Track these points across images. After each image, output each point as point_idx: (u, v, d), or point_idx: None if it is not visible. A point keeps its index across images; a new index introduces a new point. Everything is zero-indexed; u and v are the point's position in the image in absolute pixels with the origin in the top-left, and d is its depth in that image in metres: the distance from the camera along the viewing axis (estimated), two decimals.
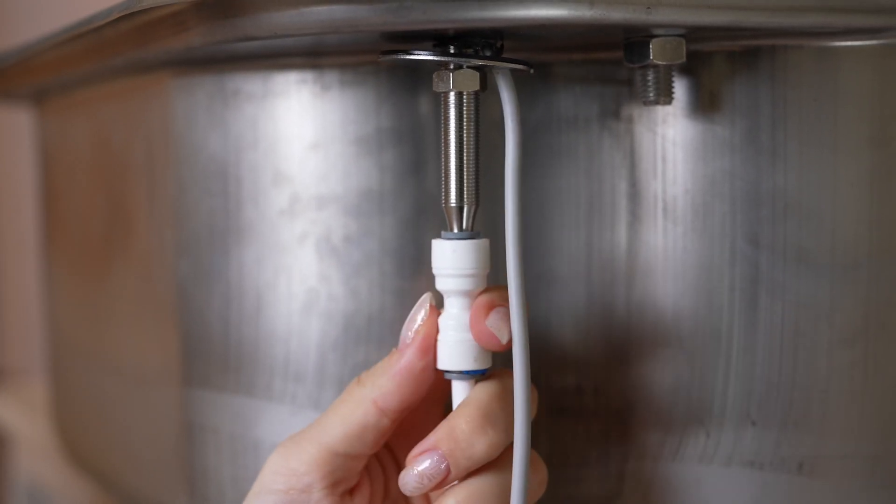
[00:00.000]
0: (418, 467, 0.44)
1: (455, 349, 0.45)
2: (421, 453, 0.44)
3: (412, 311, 0.46)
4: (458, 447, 0.43)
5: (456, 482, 0.44)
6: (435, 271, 0.45)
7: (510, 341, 0.44)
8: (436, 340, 0.45)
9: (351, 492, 0.46)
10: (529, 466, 0.44)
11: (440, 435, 0.44)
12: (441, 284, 0.45)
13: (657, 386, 0.49)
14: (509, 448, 0.44)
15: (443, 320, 0.45)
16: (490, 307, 0.44)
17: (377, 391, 0.45)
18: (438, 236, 0.46)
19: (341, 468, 0.45)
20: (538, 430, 0.48)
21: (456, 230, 0.45)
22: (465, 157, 0.45)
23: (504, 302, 0.44)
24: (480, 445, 0.43)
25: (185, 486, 0.58)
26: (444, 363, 0.45)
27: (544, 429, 0.50)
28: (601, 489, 0.50)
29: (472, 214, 0.45)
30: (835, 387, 0.48)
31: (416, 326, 0.45)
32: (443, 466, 0.43)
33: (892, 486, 0.50)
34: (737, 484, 0.49)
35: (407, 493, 0.44)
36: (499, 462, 0.44)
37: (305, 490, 0.45)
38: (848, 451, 0.49)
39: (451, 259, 0.45)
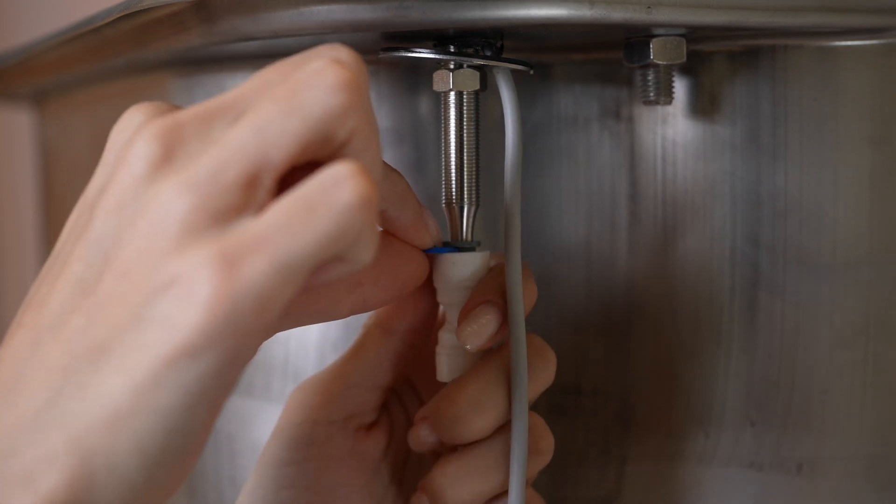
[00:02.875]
0: (416, 433, 0.44)
1: (456, 361, 0.45)
2: (419, 421, 0.44)
3: None
4: (445, 425, 0.43)
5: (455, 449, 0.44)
6: (435, 283, 0.45)
7: (490, 339, 0.44)
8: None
9: (368, 428, 0.46)
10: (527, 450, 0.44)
11: (432, 409, 0.44)
12: (442, 297, 0.45)
13: (657, 386, 0.49)
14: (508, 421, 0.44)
15: (444, 333, 0.45)
16: (469, 310, 0.44)
17: (377, 315, 0.45)
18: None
19: (353, 400, 0.45)
20: None
21: (457, 231, 0.45)
22: (465, 157, 0.45)
23: (490, 295, 0.44)
24: (472, 426, 0.43)
25: (183, 486, 0.58)
26: (443, 375, 0.45)
27: None
28: (600, 490, 0.50)
29: (472, 215, 0.45)
30: (835, 387, 0.48)
31: None
32: (435, 439, 0.44)
33: (892, 486, 0.50)
34: (736, 485, 0.49)
35: (414, 450, 0.45)
36: (497, 433, 0.44)
37: (320, 423, 0.45)
38: (848, 452, 0.49)
39: (452, 272, 0.45)
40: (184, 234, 0.30)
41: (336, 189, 0.30)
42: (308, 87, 0.31)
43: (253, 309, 0.30)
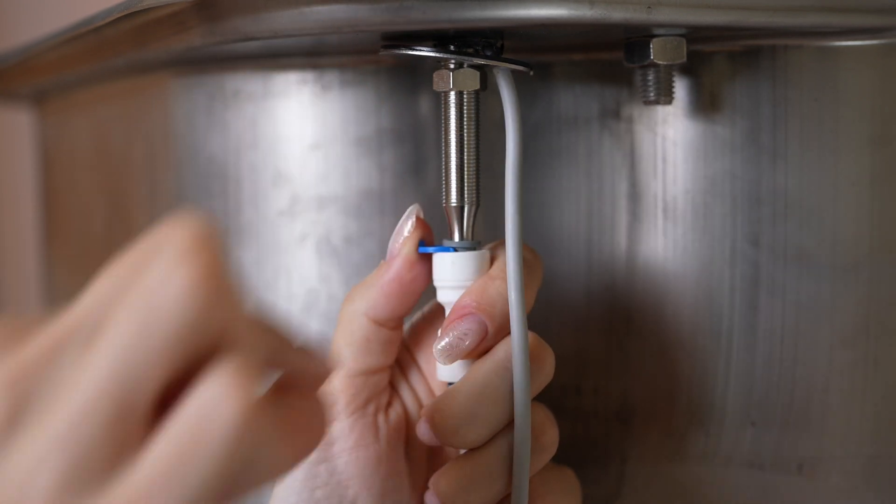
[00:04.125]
0: (420, 430, 0.45)
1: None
2: (423, 419, 0.45)
3: (399, 223, 0.46)
4: (441, 435, 0.43)
5: (457, 455, 0.45)
6: (435, 283, 0.45)
7: (469, 354, 0.44)
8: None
9: (386, 409, 0.46)
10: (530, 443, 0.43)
11: (430, 413, 0.44)
12: (442, 296, 0.45)
13: (657, 386, 0.49)
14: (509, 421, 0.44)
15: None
16: (448, 323, 0.44)
17: (367, 304, 0.45)
18: (438, 238, 0.46)
19: (364, 386, 0.45)
20: None
21: (456, 231, 0.45)
22: (465, 157, 0.45)
23: (472, 307, 0.43)
24: (466, 438, 0.43)
25: None
26: (443, 374, 0.45)
27: None
28: (600, 489, 0.50)
29: (472, 215, 0.45)
30: (835, 387, 0.48)
31: (402, 238, 0.45)
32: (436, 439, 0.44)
33: (893, 486, 0.50)
34: (736, 484, 0.49)
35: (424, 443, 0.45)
36: (502, 435, 0.44)
37: (340, 417, 0.45)
38: (848, 452, 0.49)
39: (451, 271, 0.44)
40: None
41: (214, 417, 0.27)
42: (161, 296, 0.27)
43: None
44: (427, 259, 0.45)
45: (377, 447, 0.45)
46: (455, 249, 0.45)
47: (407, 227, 0.45)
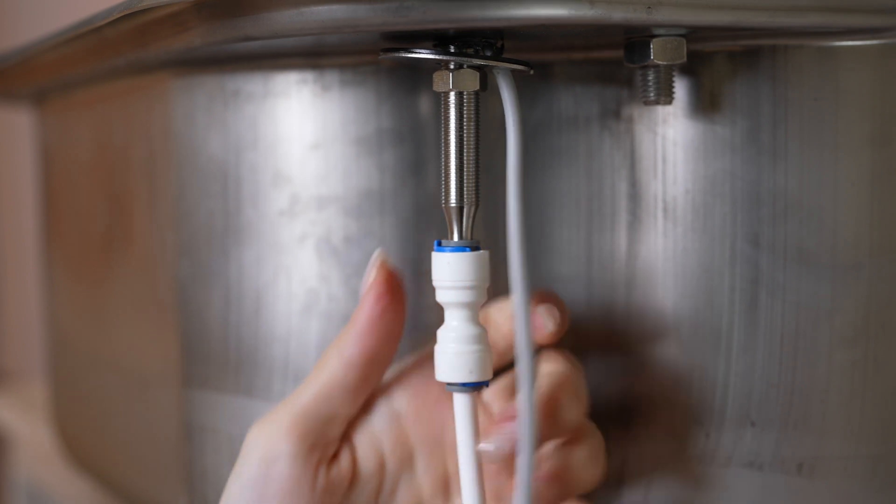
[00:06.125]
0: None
1: (455, 360, 0.45)
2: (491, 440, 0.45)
3: (366, 271, 0.47)
4: None
5: None
6: (434, 283, 0.45)
7: (554, 333, 0.46)
8: (391, 284, 0.46)
9: (329, 462, 0.46)
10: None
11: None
12: (440, 296, 0.45)
13: (657, 386, 0.49)
14: None
15: (442, 332, 0.45)
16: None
17: (340, 344, 0.46)
18: (438, 238, 0.46)
19: (314, 432, 0.45)
20: None
21: (456, 231, 0.45)
22: (465, 157, 0.45)
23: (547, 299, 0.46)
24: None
25: (184, 486, 0.58)
26: (442, 375, 0.45)
27: None
28: (601, 489, 0.50)
29: (471, 215, 0.45)
30: (835, 387, 0.48)
31: (370, 280, 0.46)
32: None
33: (893, 487, 0.50)
34: (736, 485, 0.49)
35: None
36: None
37: (281, 457, 0.45)
38: (848, 452, 0.49)
39: (448, 271, 0.45)
40: None
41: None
42: None
43: None
44: (399, 298, 0.46)
45: (311, 499, 0.45)
46: (453, 249, 0.45)
47: (374, 272, 0.46)
